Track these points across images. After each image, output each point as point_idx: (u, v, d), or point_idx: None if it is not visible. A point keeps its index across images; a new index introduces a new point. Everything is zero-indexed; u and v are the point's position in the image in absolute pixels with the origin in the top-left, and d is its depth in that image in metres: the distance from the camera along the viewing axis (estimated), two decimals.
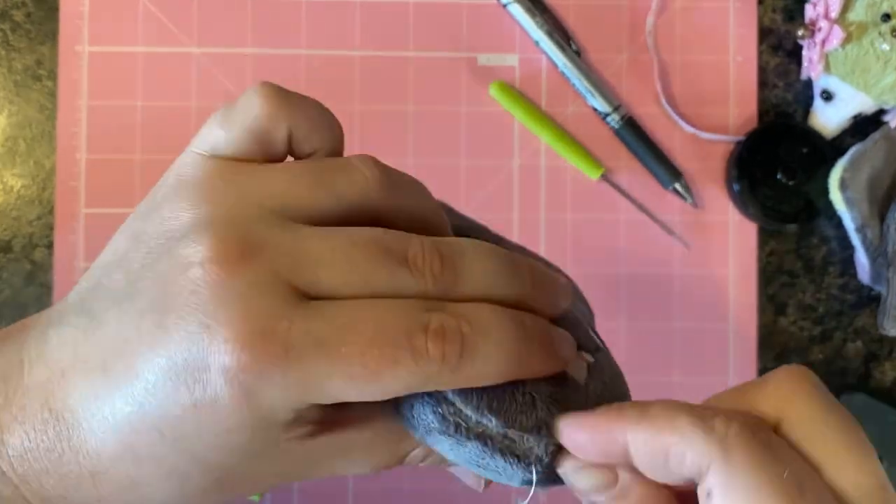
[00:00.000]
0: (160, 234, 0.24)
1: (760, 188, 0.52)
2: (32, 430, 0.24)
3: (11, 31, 0.53)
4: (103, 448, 0.23)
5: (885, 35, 0.49)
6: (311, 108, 0.26)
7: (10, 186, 0.52)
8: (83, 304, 0.24)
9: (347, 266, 0.23)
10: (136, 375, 0.23)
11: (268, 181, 0.24)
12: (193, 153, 0.26)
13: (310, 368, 0.22)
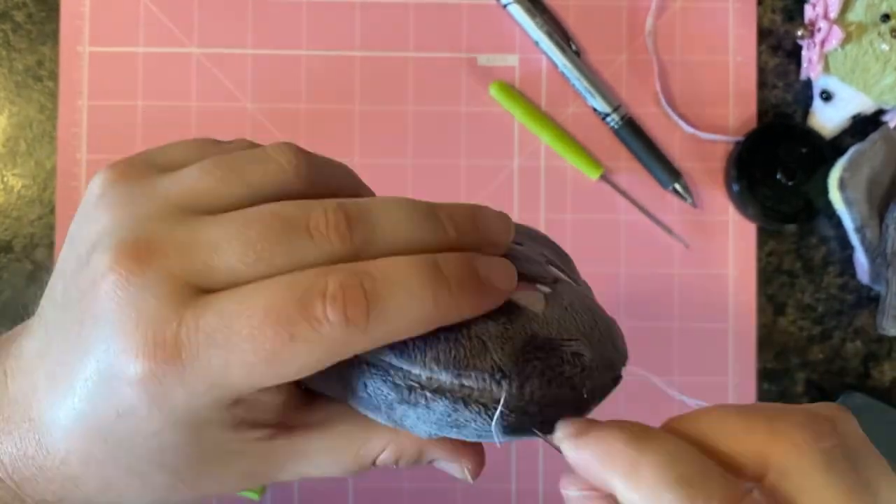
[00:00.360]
0: (84, 240, 0.24)
1: (760, 188, 0.52)
2: (19, 440, 0.25)
3: (12, 32, 0.53)
4: (69, 454, 0.24)
5: (885, 35, 0.49)
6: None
7: (10, 186, 0.52)
8: (42, 313, 0.25)
9: (242, 247, 0.22)
10: (71, 386, 0.23)
11: (177, 177, 0.24)
12: (104, 169, 0.25)
13: (206, 365, 0.21)
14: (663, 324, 0.53)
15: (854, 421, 0.22)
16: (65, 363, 0.23)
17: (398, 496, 0.52)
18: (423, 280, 0.22)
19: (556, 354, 0.24)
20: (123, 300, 0.22)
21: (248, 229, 0.22)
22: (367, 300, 0.22)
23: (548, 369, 0.24)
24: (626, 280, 0.53)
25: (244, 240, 0.22)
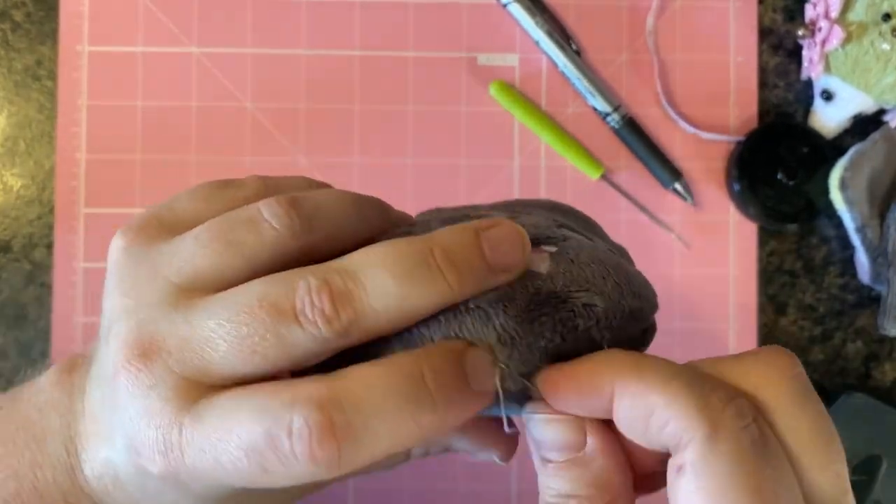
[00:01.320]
0: (106, 314, 0.26)
1: (760, 188, 0.52)
2: (99, 466, 0.26)
3: (11, 31, 0.53)
4: (135, 489, 0.26)
5: (886, 35, 0.49)
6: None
7: (9, 186, 0.52)
8: (97, 371, 0.27)
9: (236, 343, 0.23)
10: (123, 425, 0.25)
11: (176, 255, 0.25)
12: (119, 233, 0.27)
13: (206, 468, 0.23)
14: (664, 324, 0.53)
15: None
16: (104, 424, 0.26)
17: (398, 496, 0.52)
18: (402, 402, 0.22)
19: (566, 308, 0.23)
20: (136, 398, 0.24)
21: (240, 324, 0.23)
22: (337, 438, 0.21)
23: (558, 324, 0.23)
24: None
25: (237, 335, 0.23)
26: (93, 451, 0.26)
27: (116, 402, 0.24)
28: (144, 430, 0.23)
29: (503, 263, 0.23)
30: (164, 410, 0.23)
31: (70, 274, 0.52)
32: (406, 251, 0.23)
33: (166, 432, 0.23)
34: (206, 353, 0.23)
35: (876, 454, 0.50)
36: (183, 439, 0.23)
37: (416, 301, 0.23)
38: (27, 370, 0.52)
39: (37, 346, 0.52)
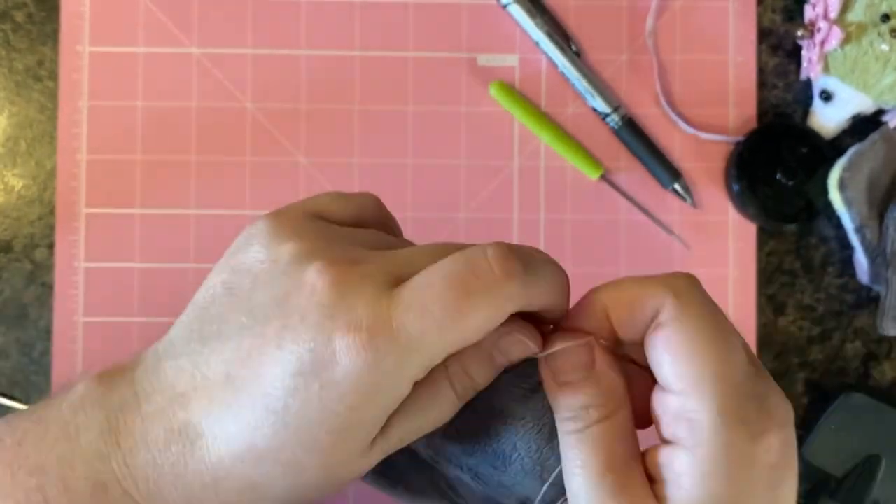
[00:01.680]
0: (262, 263, 0.27)
1: (760, 188, 0.52)
2: (157, 450, 0.27)
3: (12, 32, 0.53)
4: (226, 453, 0.26)
5: (885, 35, 0.49)
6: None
7: (10, 186, 0.52)
8: (193, 335, 0.27)
9: (433, 254, 0.27)
10: (261, 375, 0.26)
11: (349, 232, 0.29)
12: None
13: (409, 332, 0.25)
14: None
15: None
16: (249, 360, 0.26)
17: None
18: (550, 262, 0.28)
19: None
20: (343, 287, 0.25)
21: (438, 250, 0.27)
22: (522, 262, 0.26)
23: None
24: None
25: (434, 255, 0.27)
26: (156, 429, 0.27)
27: (292, 317, 0.25)
28: (353, 312, 0.25)
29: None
30: (373, 293, 0.25)
31: (71, 274, 0.52)
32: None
33: (377, 306, 0.25)
34: (406, 266, 0.26)
35: (875, 454, 0.50)
36: (393, 307, 0.25)
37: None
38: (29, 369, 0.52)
39: (38, 346, 0.52)
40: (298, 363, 0.25)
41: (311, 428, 0.25)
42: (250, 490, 0.27)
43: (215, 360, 0.27)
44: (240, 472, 0.26)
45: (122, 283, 0.52)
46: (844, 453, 0.51)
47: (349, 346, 0.25)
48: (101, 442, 0.27)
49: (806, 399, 0.53)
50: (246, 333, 0.26)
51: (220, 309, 0.27)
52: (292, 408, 0.25)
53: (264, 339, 0.26)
